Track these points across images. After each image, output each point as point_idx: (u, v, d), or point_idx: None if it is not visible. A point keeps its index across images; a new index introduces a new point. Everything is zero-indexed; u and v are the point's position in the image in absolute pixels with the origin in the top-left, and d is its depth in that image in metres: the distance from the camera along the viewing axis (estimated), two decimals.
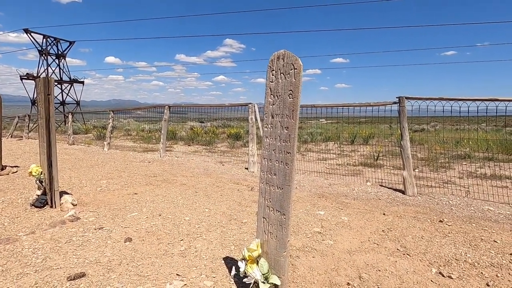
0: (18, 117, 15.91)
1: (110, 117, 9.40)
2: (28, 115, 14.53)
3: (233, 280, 1.94)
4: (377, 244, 2.54)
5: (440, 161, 7.05)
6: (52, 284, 1.86)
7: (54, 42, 34.99)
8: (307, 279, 2.00)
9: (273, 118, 1.72)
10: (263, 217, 1.79)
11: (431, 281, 1.99)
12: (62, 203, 3.33)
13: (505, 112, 3.96)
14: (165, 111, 7.57)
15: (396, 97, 4.33)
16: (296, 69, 1.60)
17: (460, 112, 4.07)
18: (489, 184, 4.73)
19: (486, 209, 3.52)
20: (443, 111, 4.23)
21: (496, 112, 4.07)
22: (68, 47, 36.16)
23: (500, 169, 6.02)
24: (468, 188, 4.55)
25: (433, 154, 7.86)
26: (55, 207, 3.29)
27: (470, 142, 8.39)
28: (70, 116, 12.03)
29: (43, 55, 33.98)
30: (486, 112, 3.98)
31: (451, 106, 4.09)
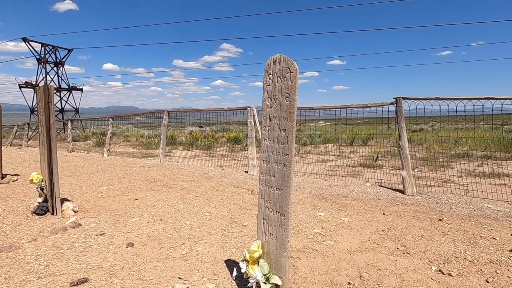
0: (17, 125, 15.94)
1: (109, 123, 9.43)
2: (27, 124, 14.55)
3: (234, 282, 1.96)
4: (377, 244, 2.56)
5: (439, 160, 7.08)
6: None
7: (52, 50, 35.14)
8: (308, 280, 2.01)
9: (271, 120, 1.75)
10: (263, 218, 1.81)
11: (431, 278, 2.01)
12: (63, 210, 3.34)
13: (501, 111, 4.00)
14: (164, 116, 7.60)
15: (393, 98, 4.37)
16: (292, 72, 1.63)
17: (456, 111, 4.11)
18: (488, 182, 4.76)
19: (485, 207, 3.54)
20: (440, 111, 4.27)
21: (492, 111, 4.12)
22: (66, 55, 36.32)
23: (498, 167, 6.05)
24: (467, 186, 4.58)
25: (432, 153, 7.89)
26: (57, 214, 3.30)
27: (469, 141, 8.44)
28: (69, 124, 12.06)
29: (42, 63, 34.09)
30: (482, 111, 4.02)
31: (448, 106, 4.13)
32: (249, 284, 1.70)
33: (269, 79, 1.75)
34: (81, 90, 37.44)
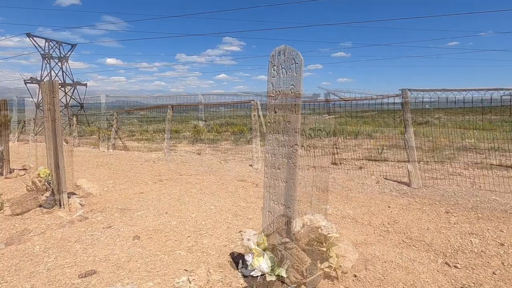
0: (24, 121, 16.09)
1: (114, 118, 9.47)
2: (33, 119, 14.68)
3: (240, 274, 1.97)
4: (383, 237, 2.55)
5: (445, 152, 7.01)
6: (63, 282, 1.90)
7: (56, 45, 35.16)
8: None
9: (275, 113, 1.73)
10: (268, 211, 1.81)
11: (437, 271, 2.00)
12: (70, 204, 3.38)
13: (510, 102, 3.93)
14: (168, 110, 7.61)
15: (399, 90, 4.31)
16: (297, 63, 1.61)
17: (464, 102, 4.05)
18: (495, 175, 4.70)
19: (492, 199, 3.50)
20: (447, 102, 4.21)
21: (501, 102, 4.04)
22: (70, 50, 36.33)
23: (506, 159, 5.97)
24: (474, 179, 4.53)
25: (438, 146, 7.81)
26: (64, 208, 3.34)
27: (476, 133, 8.32)
28: (74, 119, 12.15)
29: (46, 58, 34.21)
30: (491, 102, 3.96)
31: (455, 97, 4.06)
32: (254, 274, 1.71)
33: (274, 70, 1.72)
34: (86, 85, 37.57)
